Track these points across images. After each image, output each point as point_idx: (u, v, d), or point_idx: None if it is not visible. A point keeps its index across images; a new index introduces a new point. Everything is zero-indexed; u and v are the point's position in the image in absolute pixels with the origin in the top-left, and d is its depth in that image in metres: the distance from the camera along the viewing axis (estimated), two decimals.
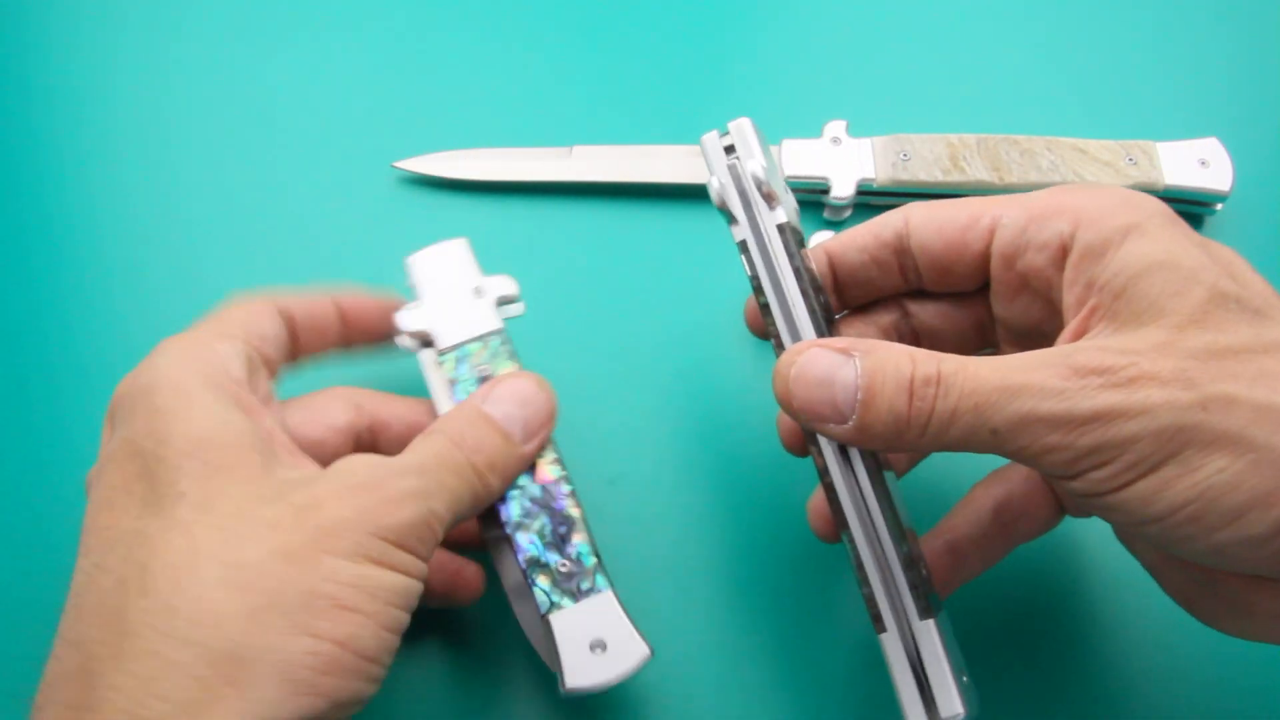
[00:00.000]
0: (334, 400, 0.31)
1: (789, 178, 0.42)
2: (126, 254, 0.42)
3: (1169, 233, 0.26)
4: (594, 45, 0.47)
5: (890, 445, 0.26)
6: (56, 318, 0.40)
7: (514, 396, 0.30)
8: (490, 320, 0.33)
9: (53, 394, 0.39)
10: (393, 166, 0.43)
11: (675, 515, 0.36)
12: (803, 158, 0.42)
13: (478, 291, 0.33)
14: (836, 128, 0.42)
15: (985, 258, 0.29)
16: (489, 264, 0.41)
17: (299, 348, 0.32)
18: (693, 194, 0.43)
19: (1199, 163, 0.41)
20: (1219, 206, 0.42)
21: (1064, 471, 0.24)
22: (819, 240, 0.32)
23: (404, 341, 0.33)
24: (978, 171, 0.41)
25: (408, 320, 0.33)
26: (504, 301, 0.34)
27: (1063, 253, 0.27)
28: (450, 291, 0.33)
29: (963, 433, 0.24)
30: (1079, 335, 0.26)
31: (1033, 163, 0.41)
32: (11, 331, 0.40)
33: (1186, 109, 0.45)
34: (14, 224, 0.43)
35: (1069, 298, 0.27)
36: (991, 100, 0.46)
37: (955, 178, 0.41)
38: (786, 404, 0.27)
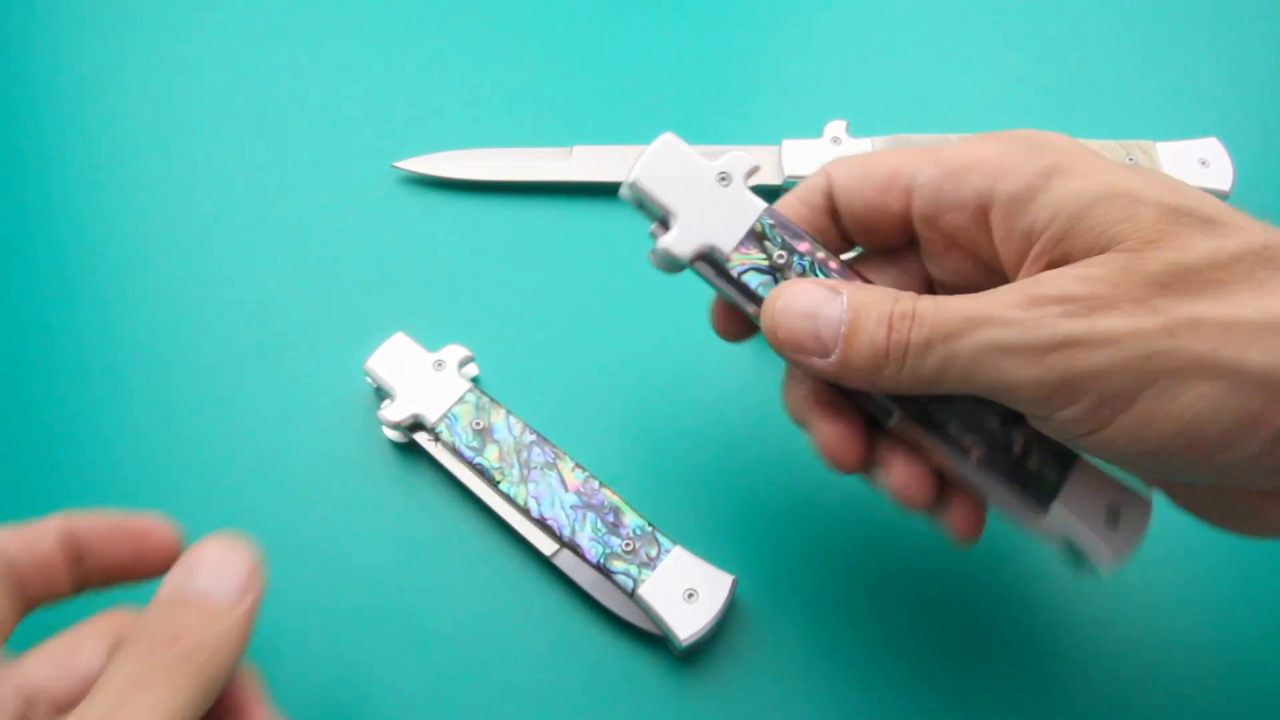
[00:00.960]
0: (86, 638, 0.24)
1: (789, 178, 0.42)
2: (126, 254, 0.42)
3: (1095, 164, 0.25)
4: (594, 45, 0.47)
5: (871, 382, 0.26)
6: (57, 317, 0.40)
7: (207, 565, 0.26)
8: (461, 383, 0.36)
9: (52, 393, 0.39)
10: (393, 166, 0.43)
11: (675, 514, 0.36)
12: (803, 158, 0.42)
13: (438, 365, 0.36)
14: (836, 128, 0.42)
15: (908, 218, 0.28)
16: (490, 263, 0.41)
17: (27, 599, 0.26)
18: None
19: (1199, 163, 0.41)
20: None
21: (1039, 410, 0.24)
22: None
23: (393, 435, 0.36)
24: None
25: (393, 413, 0.35)
26: (464, 363, 0.37)
27: (983, 211, 0.26)
28: (415, 376, 0.36)
29: (936, 367, 0.25)
30: None
31: None
32: (12, 331, 0.40)
33: (1186, 109, 0.45)
34: (14, 224, 0.43)
35: (1006, 253, 0.26)
36: (991, 100, 0.46)
37: None
38: (772, 335, 0.27)
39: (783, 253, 0.28)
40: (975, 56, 0.47)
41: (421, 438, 0.36)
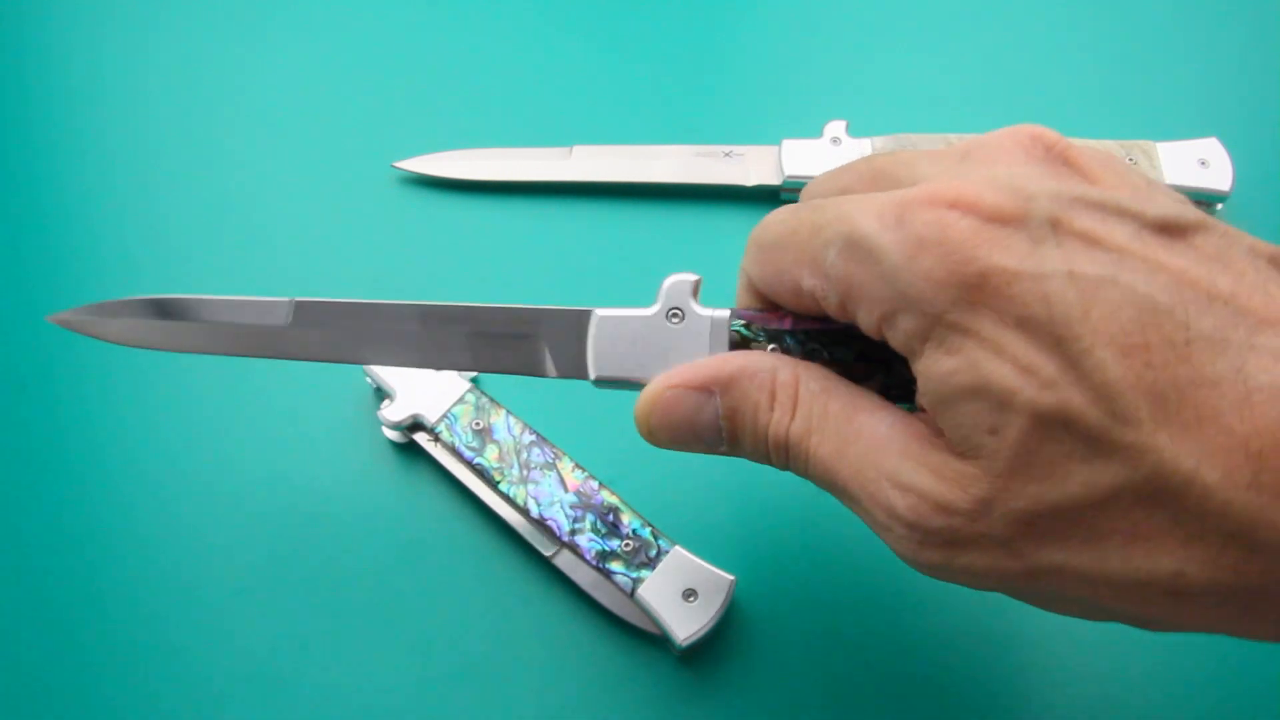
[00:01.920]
0: None
1: (789, 178, 0.42)
2: (124, 254, 0.42)
3: (966, 336, 0.21)
4: (594, 45, 0.47)
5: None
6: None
7: None
8: (460, 383, 0.36)
9: (51, 394, 0.39)
10: (393, 166, 0.43)
11: (675, 514, 0.36)
12: (803, 158, 0.42)
13: None
14: (836, 128, 0.42)
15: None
16: (490, 263, 0.41)
17: None
18: (693, 194, 0.43)
19: (1199, 163, 0.41)
20: (1219, 206, 0.42)
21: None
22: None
23: (393, 435, 0.36)
24: None
25: (393, 413, 0.35)
26: None
27: (881, 335, 0.23)
28: (415, 376, 0.36)
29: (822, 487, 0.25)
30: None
31: None
32: (10, 333, 0.40)
33: (1186, 109, 0.45)
34: (18, 224, 0.43)
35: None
36: (992, 100, 0.46)
37: None
38: (652, 442, 0.26)
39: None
40: (975, 56, 0.47)
41: (421, 438, 0.36)
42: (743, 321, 0.27)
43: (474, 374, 0.38)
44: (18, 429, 0.38)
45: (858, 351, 0.26)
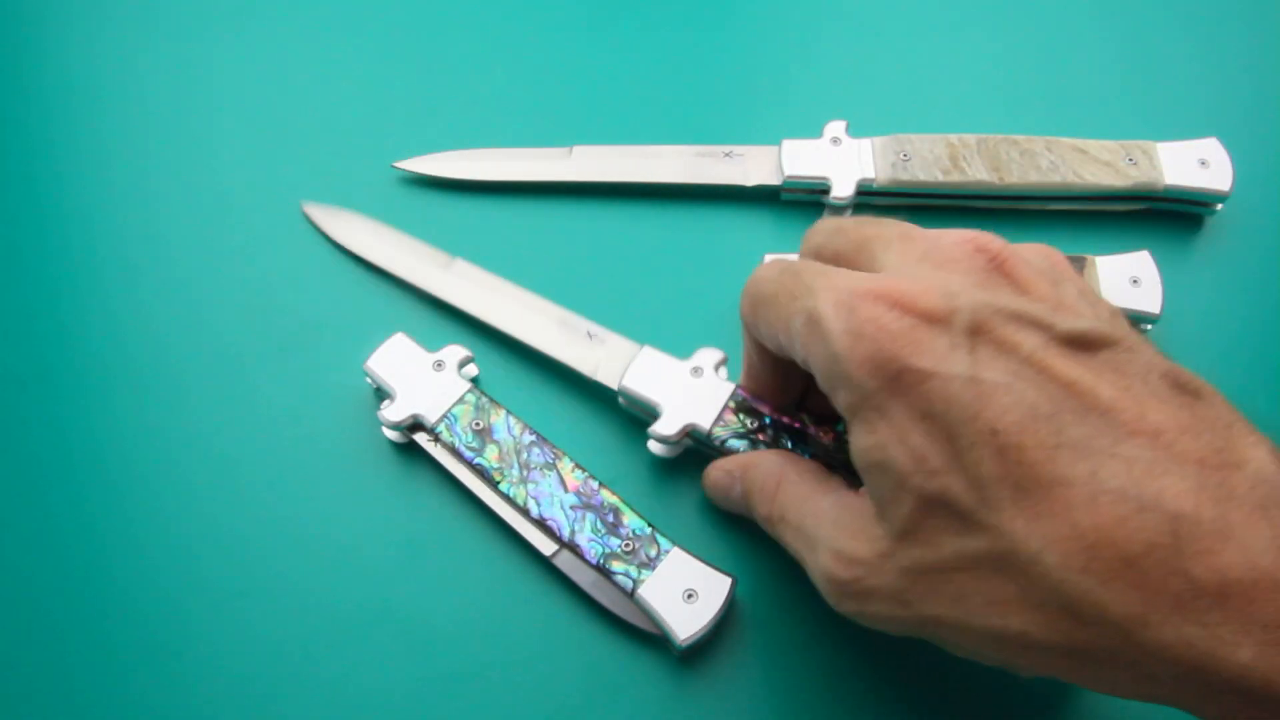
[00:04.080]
0: None
1: (789, 178, 0.42)
2: (123, 255, 0.42)
3: (882, 419, 0.25)
4: (594, 45, 0.47)
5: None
6: (56, 316, 0.41)
7: None
8: (461, 384, 0.36)
9: (51, 394, 0.39)
10: (393, 166, 0.43)
11: (675, 514, 0.36)
12: (803, 158, 0.42)
13: (438, 365, 0.36)
14: (836, 128, 0.42)
15: None
16: (490, 264, 0.41)
17: None
18: (693, 194, 0.43)
19: (1199, 163, 0.41)
20: (1219, 206, 0.42)
21: None
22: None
23: (393, 435, 0.36)
24: (978, 172, 0.41)
25: (393, 414, 0.35)
26: (463, 364, 0.37)
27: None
28: (415, 376, 0.36)
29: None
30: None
31: (1032, 163, 0.41)
32: (10, 333, 0.40)
33: (1186, 109, 0.45)
34: (22, 225, 0.43)
35: None
36: (991, 100, 0.46)
37: (955, 178, 0.41)
38: (712, 500, 0.35)
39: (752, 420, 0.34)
40: (975, 56, 0.47)
41: (421, 438, 0.36)
42: (741, 396, 0.35)
43: (474, 374, 0.38)
44: (18, 429, 0.38)
45: (813, 450, 0.33)
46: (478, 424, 0.35)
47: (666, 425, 0.35)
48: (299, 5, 0.48)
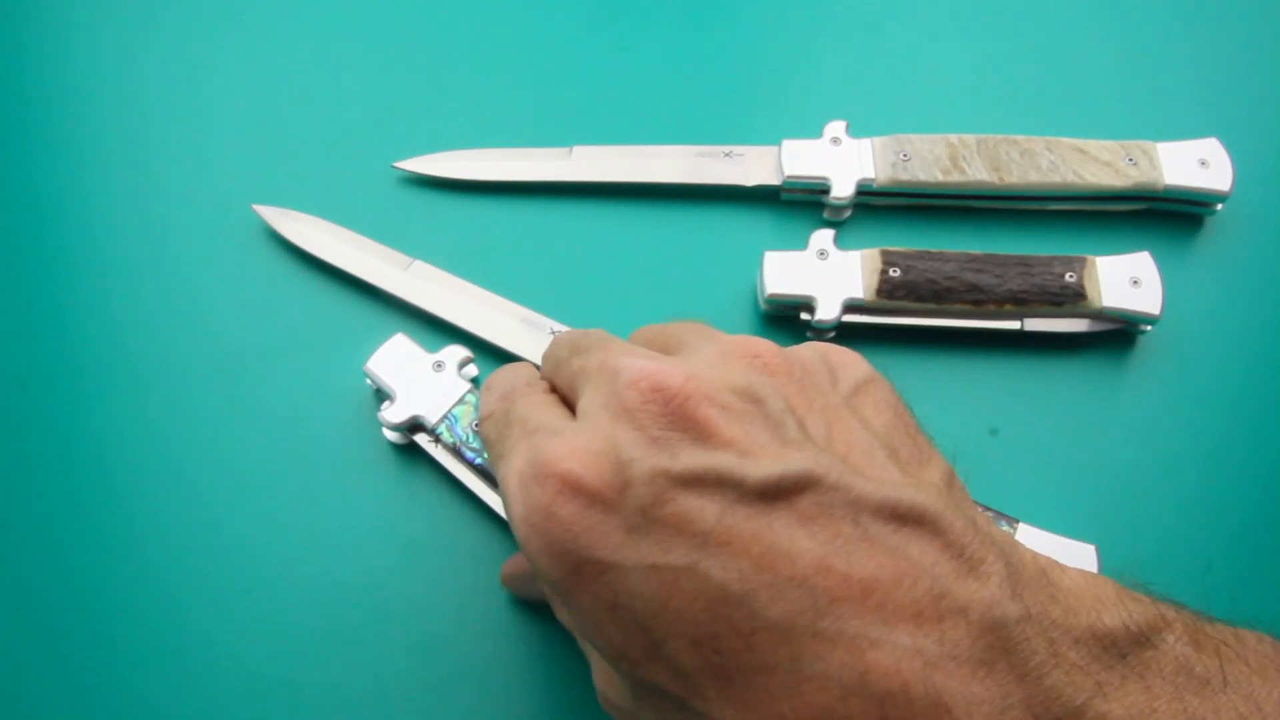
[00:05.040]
0: None
1: (788, 178, 0.42)
2: (124, 255, 0.42)
3: (576, 610, 0.23)
4: (594, 45, 0.47)
5: None
6: (57, 317, 0.41)
7: None
8: (461, 384, 0.36)
9: (51, 394, 0.39)
10: (393, 166, 0.43)
11: None
12: (803, 158, 0.42)
13: (438, 366, 0.36)
14: (836, 128, 0.42)
15: None
16: (490, 264, 0.41)
17: None
18: (693, 194, 0.43)
19: (1199, 163, 0.41)
20: (1219, 206, 0.42)
21: None
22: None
23: (393, 436, 0.36)
24: (978, 172, 0.41)
25: (393, 415, 0.35)
26: (464, 364, 0.37)
27: None
28: (415, 377, 0.36)
29: None
30: None
31: (1032, 163, 0.41)
32: (10, 333, 0.40)
33: (1186, 109, 0.45)
34: (24, 225, 0.43)
35: None
36: (991, 100, 0.46)
37: (955, 178, 0.41)
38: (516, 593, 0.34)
39: None
40: (975, 56, 0.47)
41: (421, 439, 0.36)
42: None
43: (474, 375, 0.38)
44: (18, 429, 0.38)
45: None
46: (478, 425, 0.35)
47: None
48: (299, 5, 0.48)
